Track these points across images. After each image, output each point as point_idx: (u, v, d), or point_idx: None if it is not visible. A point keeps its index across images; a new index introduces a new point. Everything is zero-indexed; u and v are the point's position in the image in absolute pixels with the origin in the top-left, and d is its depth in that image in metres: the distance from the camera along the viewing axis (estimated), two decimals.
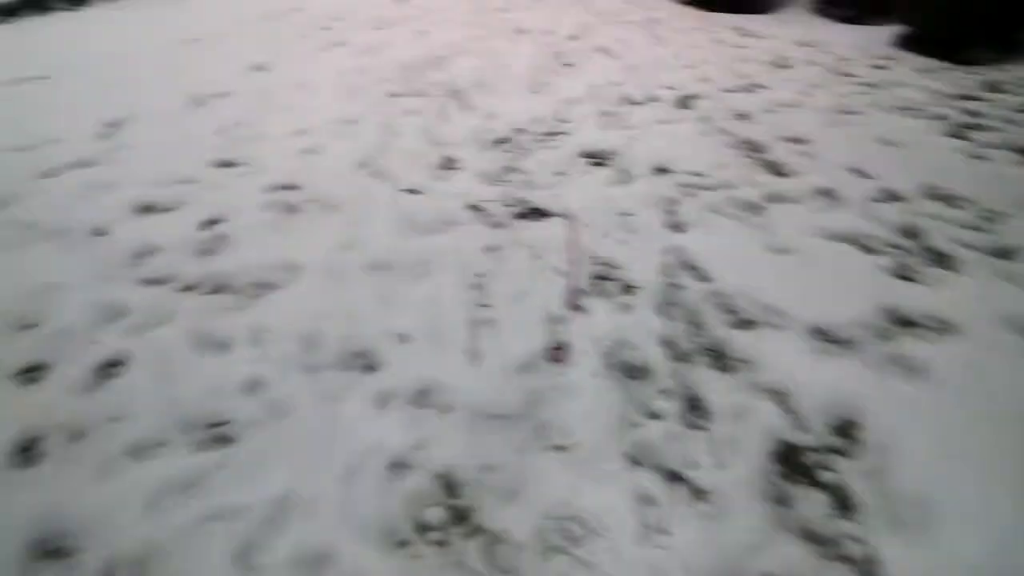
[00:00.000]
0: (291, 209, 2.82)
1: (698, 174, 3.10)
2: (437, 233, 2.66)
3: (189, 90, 4.12)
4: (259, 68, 4.60)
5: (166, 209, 2.82)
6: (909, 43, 5.09)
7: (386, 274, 2.42)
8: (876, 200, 2.89)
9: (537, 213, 2.81)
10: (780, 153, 3.31)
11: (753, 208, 2.83)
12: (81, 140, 3.49)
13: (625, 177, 3.10)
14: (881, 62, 4.80)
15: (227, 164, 3.22)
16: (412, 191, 2.96)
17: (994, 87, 4.27)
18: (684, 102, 4.00)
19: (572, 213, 2.78)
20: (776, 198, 2.90)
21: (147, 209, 2.83)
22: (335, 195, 2.91)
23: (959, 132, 3.58)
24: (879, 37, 5.34)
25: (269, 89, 4.18)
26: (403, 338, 2.11)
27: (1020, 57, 4.73)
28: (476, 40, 5.30)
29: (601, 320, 2.19)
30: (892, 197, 2.91)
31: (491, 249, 2.55)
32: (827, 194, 2.93)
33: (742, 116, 3.77)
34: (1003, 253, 2.53)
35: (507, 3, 6.69)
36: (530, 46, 5.15)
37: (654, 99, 4.05)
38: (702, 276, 2.41)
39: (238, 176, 3.11)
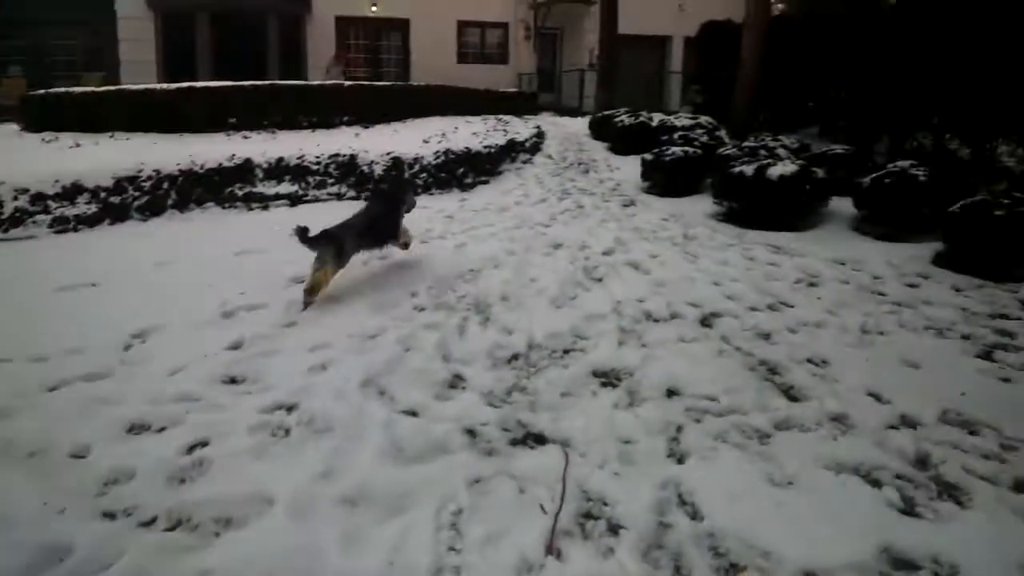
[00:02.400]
0: (280, 433, 2.78)
1: (709, 398, 3.01)
2: (423, 462, 2.57)
3: (223, 301, 4.25)
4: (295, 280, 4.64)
5: (158, 429, 2.80)
6: (947, 260, 5.11)
7: (357, 509, 2.31)
8: (890, 427, 2.74)
9: (535, 439, 2.73)
10: (797, 376, 3.21)
11: (761, 436, 2.69)
12: (101, 351, 3.51)
13: (633, 399, 3.03)
14: (914, 280, 4.78)
15: (232, 381, 3.25)
16: (409, 413, 2.92)
17: None
18: (706, 320, 3.99)
19: (570, 440, 2.70)
20: (786, 425, 2.77)
21: (138, 428, 2.81)
22: (330, 416, 2.86)
23: (988, 353, 3.45)
24: (917, 255, 5.37)
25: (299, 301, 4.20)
26: None
27: None
28: (511, 254, 5.50)
29: (578, 570, 2.05)
30: (908, 423, 2.76)
31: (476, 481, 2.45)
32: (840, 420, 2.78)
33: (763, 336, 3.72)
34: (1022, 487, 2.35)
35: (549, 219, 7.00)
36: (563, 261, 5.30)
37: (677, 316, 4.03)
38: (695, 513, 2.25)
39: (239, 395, 3.11)
